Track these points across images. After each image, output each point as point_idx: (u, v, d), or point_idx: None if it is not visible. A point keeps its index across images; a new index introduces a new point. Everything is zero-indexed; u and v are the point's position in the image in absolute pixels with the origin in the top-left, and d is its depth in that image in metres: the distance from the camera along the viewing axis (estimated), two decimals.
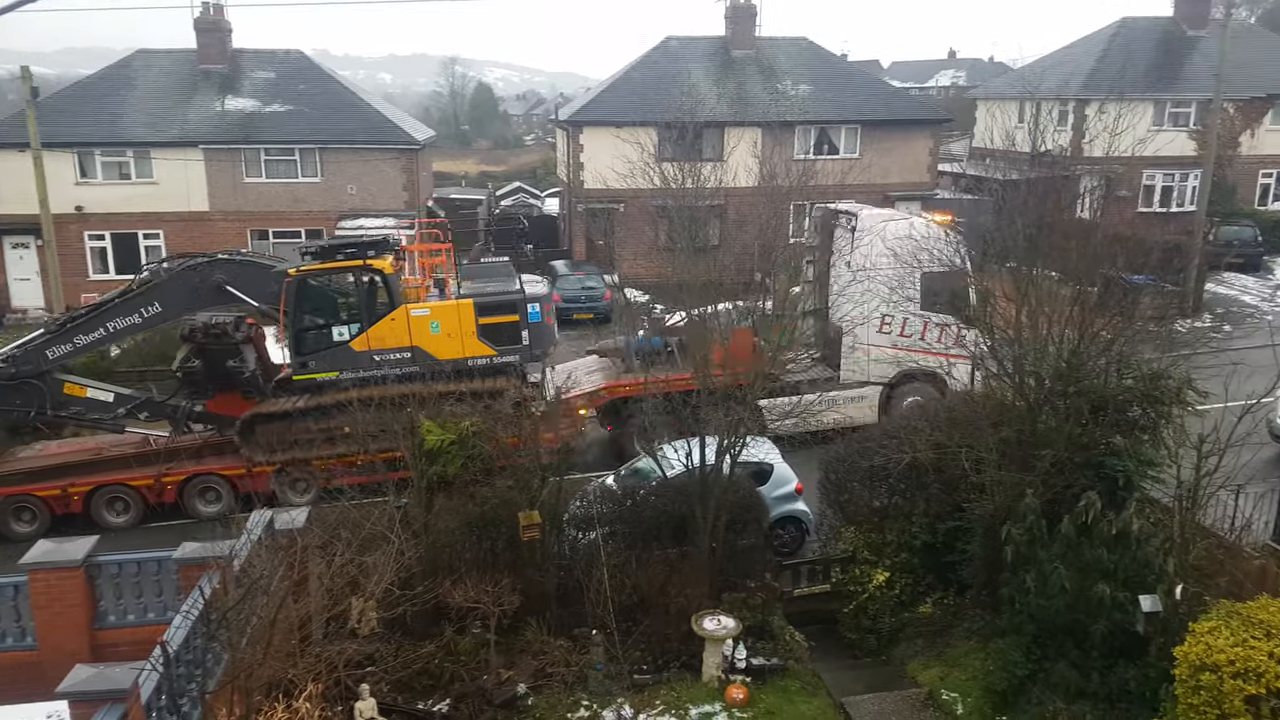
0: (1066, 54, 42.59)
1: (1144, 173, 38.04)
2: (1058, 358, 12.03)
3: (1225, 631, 8.26)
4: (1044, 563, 10.60)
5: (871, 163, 34.28)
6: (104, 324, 17.07)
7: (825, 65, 37.60)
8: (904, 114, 36.03)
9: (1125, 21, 42.00)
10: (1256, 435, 11.59)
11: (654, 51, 36.77)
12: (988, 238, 14.86)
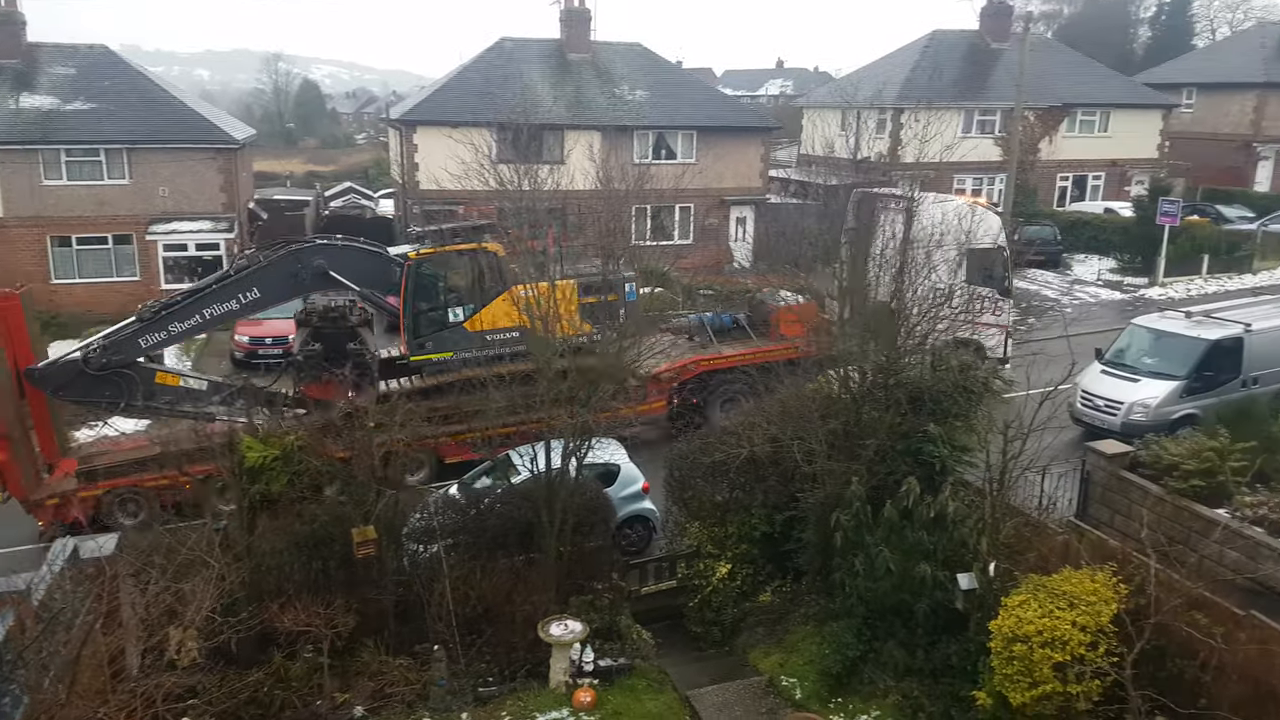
0: (883, 65, 45.03)
1: (955, 177, 40.65)
2: (878, 352, 12.68)
3: (1034, 604, 8.90)
4: (870, 547, 11.14)
5: (707, 167, 35.13)
6: (199, 311, 16.51)
7: (661, 72, 38.20)
8: (737, 121, 37.07)
9: (936, 34, 44.80)
10: (1058, 419, 12.62)
11: (488, 52, 36.28)
12: (814, 240, 15.57)
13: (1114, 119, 43.15)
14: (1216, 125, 48.95)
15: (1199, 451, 13.46)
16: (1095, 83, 44.37)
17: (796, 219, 26.16)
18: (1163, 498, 13.38)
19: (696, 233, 35.85)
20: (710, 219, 35.87)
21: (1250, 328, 17.69)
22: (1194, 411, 16.95)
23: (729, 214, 36.51)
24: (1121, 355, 18.73)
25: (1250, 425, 14.31)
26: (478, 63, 35.64)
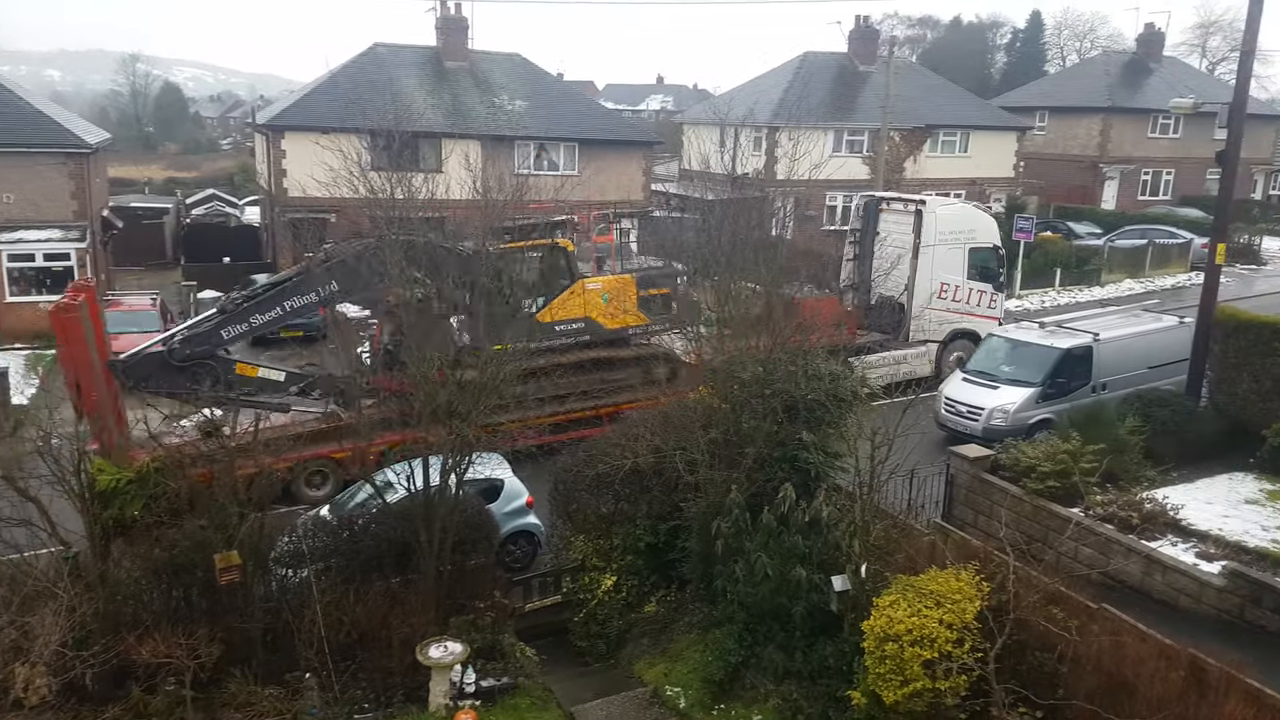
0: (758, 84, 46.24)
1: (827, 194, 42.09)
2: (755, 363, 12.94)
3: (903, 604, 9.20)
4: (750, 553, 11.31)
5: (589, 180, 35.21)
6: (281, 303, 16.80)
7: (541, 83, 38.12)
8: (619, 134, 37.33)
9: (807, 56, 46.34)
10: (923, 425, 13.17)
11: (361, 58, 35.38)
12: (694, 253, 15.81)
13: (973, 140, 45.52)
14: (1067, 146, 52.34)
15: (1054, 454, 14.30)
16: (956, 105, 46.76)
17: (678, 232, 26.55)
18: (1021, 498, 14.14)
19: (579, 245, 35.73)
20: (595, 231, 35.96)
21: (1099, 337, 18.92)
22: (1049, 416, 17.98)
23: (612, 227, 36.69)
24: (982, 364, 19.72)
25: (1100, 428, 15.27)
26: (350, 68, 34.71)
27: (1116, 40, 77.73)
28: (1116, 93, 51.10)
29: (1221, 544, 12.77)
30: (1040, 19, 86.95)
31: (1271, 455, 15.41)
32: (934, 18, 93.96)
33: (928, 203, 23.15)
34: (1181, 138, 51.05)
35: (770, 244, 15.75)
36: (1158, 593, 12.37)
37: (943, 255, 22.60)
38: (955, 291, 22.89)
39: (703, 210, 15.15)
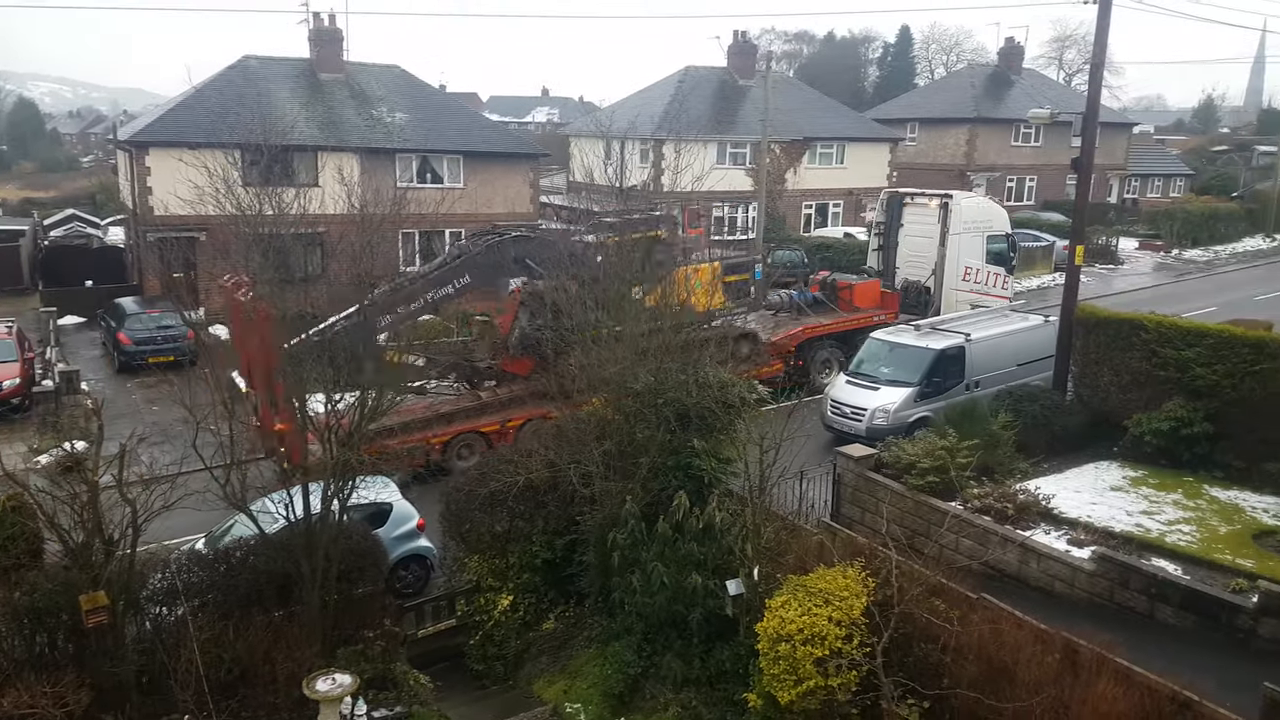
0: (643, 97, 46.75)
1: (714, 204, 42.86)
2: (647, 373, 12.98)
3: (794, 604, 9.35)
4: (646, 563, 11.32)
5: (475, 192, 34.81)
6: (424, 294, 18.83)
7: (422, 95, 37.51)
8: (504, 147, 37.02)
9: (689, 70, 47.11)
10: (809, 428, 13.46)
11: (230, 70, 34.06)
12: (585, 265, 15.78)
13: (849, 151, 47.12)
14: (936, 156, 54.70)
15: (932, 450, 14.81)
16: (832, 118, 48.34)
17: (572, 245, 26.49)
18: (903, 494, 14.59)
19: None
20: None
21: (970, 337, 19.77)
22: (927, 414, 18.66)
23: None
24: (863, 366, 20.34)
25: (974, 424, 15.93)
26: (218, 81, 33.37)
27: (980, 54, 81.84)
28: (981, 104, 53.76)
29: (1091, 530, 13.46)
30: (909, 34, 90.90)
31: (1133, 444, 16.38)
32: (810, 33, 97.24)
33: (954, 196, 26.24)
34: (1042, 146, 54.05)
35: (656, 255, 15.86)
36: (1034, 580, 12.95)
37: (966, 243, 25.66)
38: (976, 274, 25.75)
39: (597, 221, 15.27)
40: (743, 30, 49.33)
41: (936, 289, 25.91)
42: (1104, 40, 18.62)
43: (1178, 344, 16.33)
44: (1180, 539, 13.11)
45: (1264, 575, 11.60)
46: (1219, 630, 11.24)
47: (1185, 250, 45.14)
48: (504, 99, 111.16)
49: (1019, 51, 59.04)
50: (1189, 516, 13.88)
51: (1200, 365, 15.92)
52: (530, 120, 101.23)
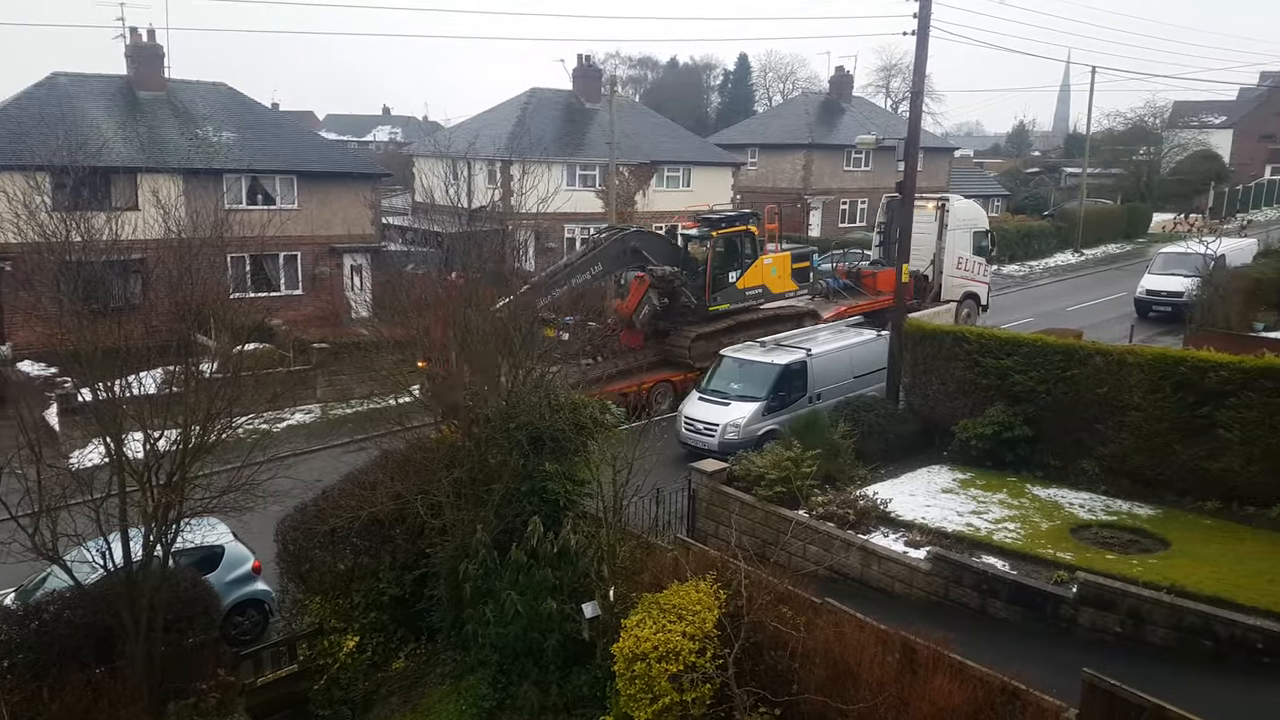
0: (488, 118, 46.44)
1: (565, 226, 42.94)
2: (498, 398, 12.77)
3: (649, 622, 9.36)
4: (500, 592, 11.08)
5: (312, 214, 33.54)
6: (570, 280, 22.34)
7: (252, 113, 35.90)
8: (342, 166, 35.85)
9: (534, 92, 47.17)
10: (661, 446, 13.60)
11: (38, 88, 31.55)
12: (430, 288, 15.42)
13: (695, 175, 48.29)
14: (776, 180, 56.83)
15: (779, 462, 15.25)
16: (678, 142, 49.46)
17: (418, 265, 25.89)
18: (754, 505, 14.94)
19: (307, 283, 34.00)
20: (321, 267, 34.21)
21: (811, 352, 20.57)
22: (775, 427, 19.24)
23: (342, 262, 35.13)
24: (715, 383, 20.81)
25: (817, 435, 16.51)
26: (23, 100, 30.84)
27: (813, 82, 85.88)
28: (815, 130, 56.30)
29: (926, 531, 14.15)
30: (747, 61, 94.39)
31: (960, 448, 17.38)
32: (653, 58, 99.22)
33: (950, 199, 31.57)
34: (872, 170, 57.07)
35: (506, 277, 15.71)
36: (875, 581, 13.49)
37: (958, 238, 30.72)
38: (966, 264, 31.03)
39: (436, 244, 15.00)
40: (587, 54, 49.89)
41: (936, 276, 30.53)
42: (923, 70, 19.86)
43: (997, 353, 17.49)
44: (1007, 536, 13.95)
45: (1082, 567, 12.48)
46: (1044, 621, 12.00)
47: (1004, 266, 48.55)
48: (342, 117, 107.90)
49: (849, 80, 62.27)
50: (1014, 514, 14.82)
51: (1018, 372, 17.09)
52: (371, 139, 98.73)
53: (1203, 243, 30.93)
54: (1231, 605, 11.13)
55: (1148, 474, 15.60)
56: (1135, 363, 15.73)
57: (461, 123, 47.78)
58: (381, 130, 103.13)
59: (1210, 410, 14.79)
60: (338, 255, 34.74)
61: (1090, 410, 16.18)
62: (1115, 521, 14.42)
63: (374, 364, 14.90)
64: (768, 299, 26.85)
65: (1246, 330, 24.43)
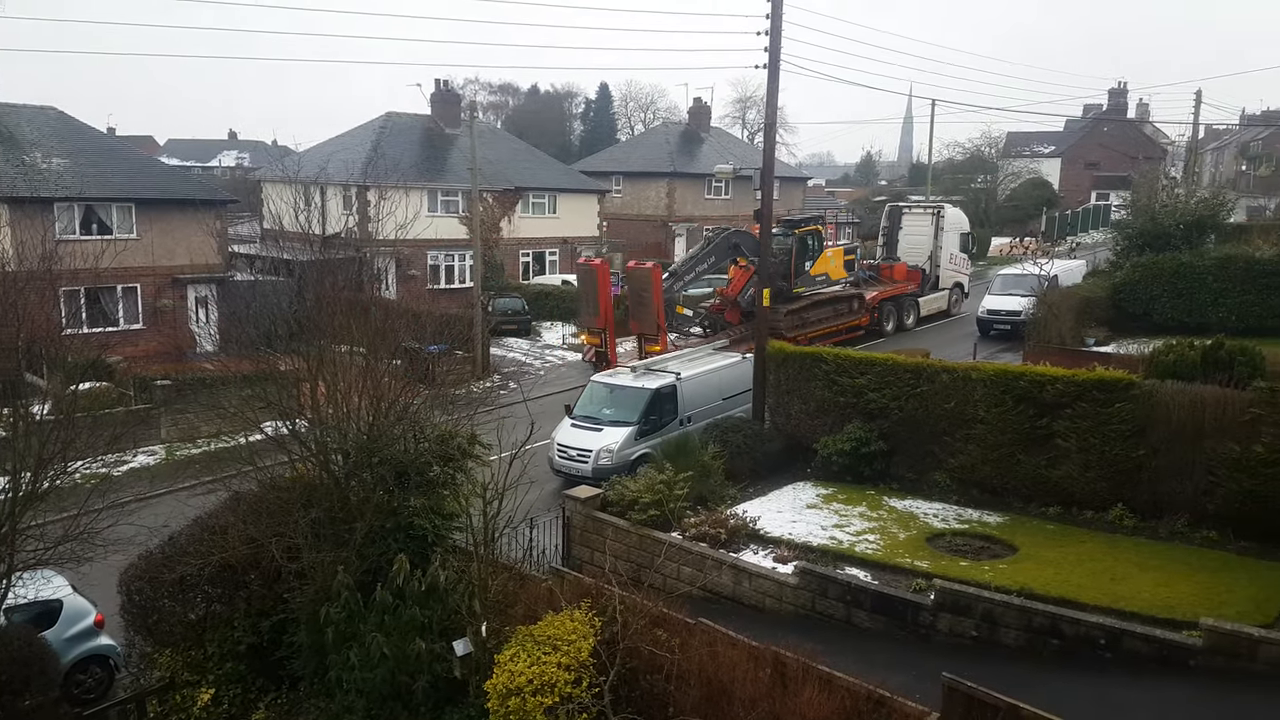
0: (343, 141, 45.24)
1: (429, 253, 42.19)
2: (359, 432, 12.33)
3: (523, 655, 9.19)
4: (365, 635, 10.64)
5: (153, 243, 31.75)
6: (694, 269, 30.72)
7: (84, 138, 33.73)
8: (184, 193, 33.97)
9: (390, 116, 46.28)
10: (534, 474, 13.41)
11: None
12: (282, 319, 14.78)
13: (561, 202, 48.46)
14: (641, 207, 57.67)
15: (652, 485, 15.36)
16: (542, 169, 49.54)
17: (267, 296, 24.78)
18: (628, 530, 14.97)
19: (148, 316, 32.09)
20: (164, 300, 32.31)
21: (681, 376, 20.85)
22: (648, 451, 19.37)
23: (186, 294, 33.31)
24: (586, 409, 20.80)
25: (688, 457, 16.75)
26: None
27: (673, 112, 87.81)
28: (676, 159, 57.53)
29: (793, 546, 14.54)
30: (608, 90, 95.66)
31: (823, 464, 17.97)
32: (514, 85, 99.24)
33: (945, 207, 39.19)
34: (731, 198, 58.70)
35: (364, 306, 15.24)
36: (747, 598, 13.72)
37: (950, 239, 37.82)
38: (955, 259, 38.50)
39: (288, 272, 14.43)
40: (445, 79, 49.42)
41: (933, 269, 37.54)
42: (775, 102, 20.62)
43: (852, 373, 18.22)
44: (868, 547, 14.49)
45: (938, 574, 13.09)
46: (906, 628, 12.49)
47: None
48: (186, 142, 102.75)
49: (706, 111, 64.01)
50: (874, 526, 15.41)
51: (872, 390, 17.85)
52: (216, 164, 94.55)
53: (1037, 264, 33.27)
54: (1075, 605, 11.90)
55: (995, 483, 16.53)
56: (979, 378, 16.69)
57: (313, 147, 46.32)
58: (228, 155, 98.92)
59: (1049, 421, 15.83)
60: (181, 286, 32.92)
61: (940, 424, 17.04)
62: (967, 529, 15.19)
63: (222, 400, 14.11)
64: (829, 284, 33.85)
65: (1079, 345, 26.33)
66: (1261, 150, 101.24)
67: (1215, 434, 14.19)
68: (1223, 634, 10.65)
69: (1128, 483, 15.12)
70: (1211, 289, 28.52)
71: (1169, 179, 49.65)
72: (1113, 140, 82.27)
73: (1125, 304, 30.11)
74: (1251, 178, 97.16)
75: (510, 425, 12.17)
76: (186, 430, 23.14)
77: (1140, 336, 27.14)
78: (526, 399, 14.78)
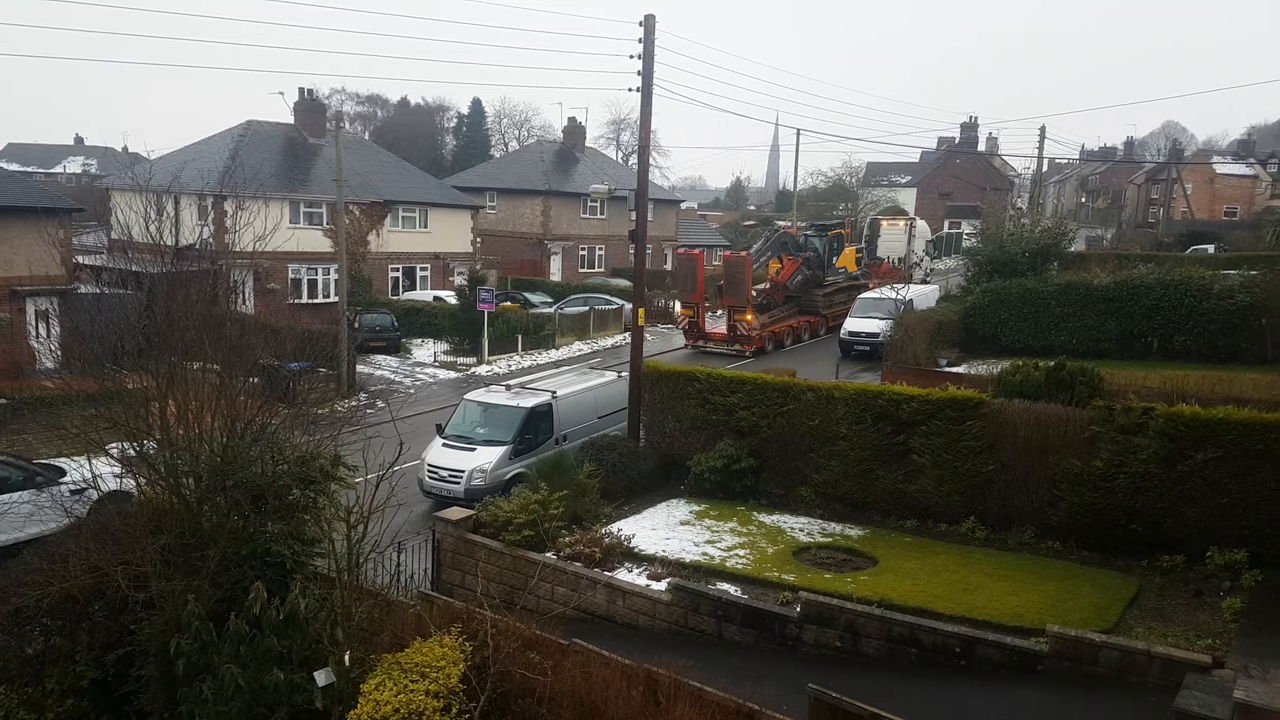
0: (199, 149, 43.20)
1: (290, 266, 40.67)
2: (212, 453, 11.71)
3: (389, 684, 8.90)
4: (219, 667, 10.08)
5: None
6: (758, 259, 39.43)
7: None
8: (23, 200, 31.53)
9: (251, 124, 44.54)
10: (403, 496, 13.03)
11: None
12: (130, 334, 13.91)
13: (432, 216, 47.65)
14: (516, 224, 57.36)
15: (527, 505, 15.21)
16: (412, 183, 48.62)
17: (114, 310, 23.24)
18: (502, 551, 14.77)
19: None
20: (0, 313, 29.92)
21: (557, 394, 20.76)
22: (522, 470, 19.16)
23: (25, 307, 30.92)
24: (459, 428, 20.42)
25: (563, 476, 16.67)
26: None
27: (548, 131, 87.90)
28: (552, 178, 57.58)
29: (666, 563, 14.66)
30: (481, 106, 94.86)
31: (695, 481, 18.24)
32: (382, 96, 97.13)
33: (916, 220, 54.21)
34: (607, 218, 59.19)
35: (219, 321, 14.50)
36: (621, 617, 13.74)
37: (919, 244, 52.38)
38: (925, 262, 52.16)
39: (137, 285, 13.56)
40: (310, 88, 47.96)
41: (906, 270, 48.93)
42: (648, 125, 20.94)
43: (724, 391, 18.60)
44: (738, 563, 14.77)
45: (804, 587, 13.45)
46: (774, 640, 12.78)
47: None
48: (27, 147, 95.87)
49: (581, 131, 64.40)
50: (744, 541, 15.72)
51: (743, 409, 18.26)
52: (60, 171, 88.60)
53: (894, 289, 34.91)
54: (932, 614, 12.45)
55: (856, 497, 17.17)
56: (841, 397, 17.33)
57: (167, 154, 43.99)
58: (73, 161, 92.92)
59: (905, 438, 16.57)
60: (20, 299, 30.52)
61: (805, 441, 17.59)
62: (831, 543, 15.70)
63: (63, 420, 13.17)
64: (847, 276, 43.37)
65: (933, 366, 27.73)
66: (1099, 183, 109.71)
67: (1058, 450, 15.16)
68: (1067, 640, 11.35)
69: (979, 496, 15.96)
70: (1054, 313, 30.56)
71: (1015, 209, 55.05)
72: (964, 171, 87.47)
73: (975, 327, 31.90)
74: (1090, 209, 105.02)
75: (378, 445, 11.79)
76: (23, 452, 21.45)
77: (989, 358, 28.81)
78: (395, 418, 14.41)
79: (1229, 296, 27.99)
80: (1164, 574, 13.92)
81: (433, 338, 39.72)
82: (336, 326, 30.88)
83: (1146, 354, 28.59)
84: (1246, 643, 11.24)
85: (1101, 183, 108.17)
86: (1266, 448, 13.59)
